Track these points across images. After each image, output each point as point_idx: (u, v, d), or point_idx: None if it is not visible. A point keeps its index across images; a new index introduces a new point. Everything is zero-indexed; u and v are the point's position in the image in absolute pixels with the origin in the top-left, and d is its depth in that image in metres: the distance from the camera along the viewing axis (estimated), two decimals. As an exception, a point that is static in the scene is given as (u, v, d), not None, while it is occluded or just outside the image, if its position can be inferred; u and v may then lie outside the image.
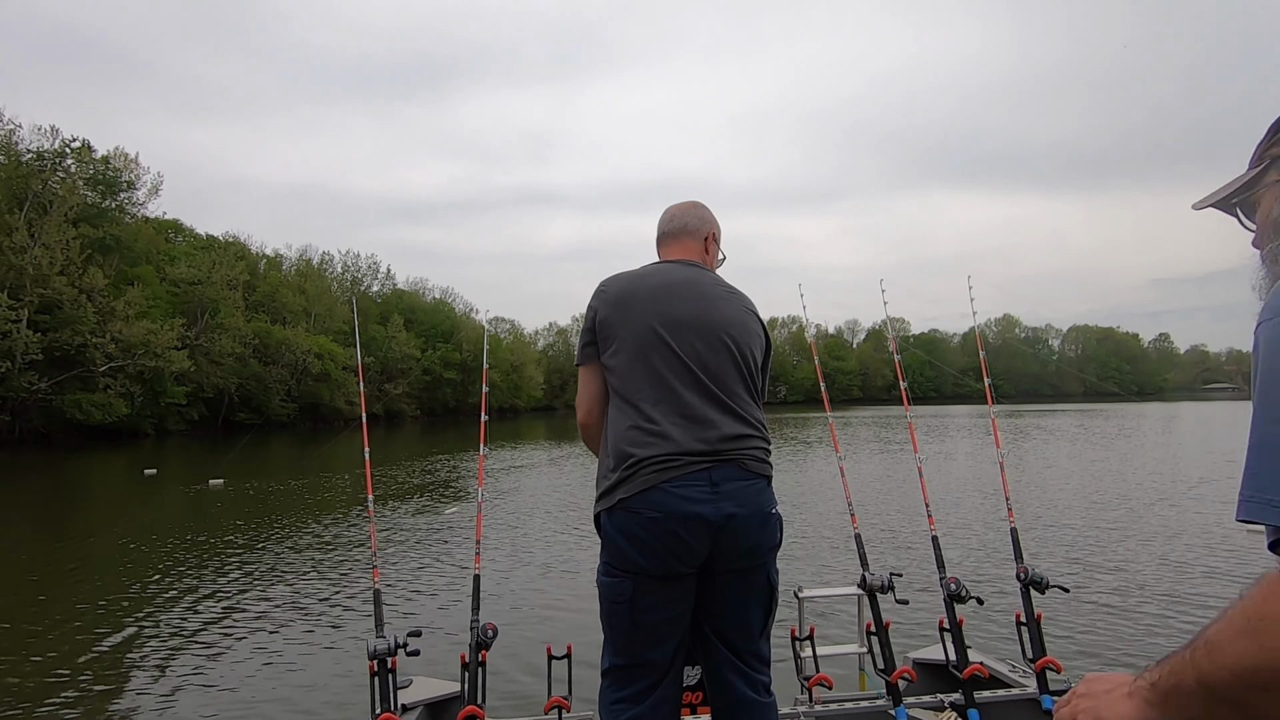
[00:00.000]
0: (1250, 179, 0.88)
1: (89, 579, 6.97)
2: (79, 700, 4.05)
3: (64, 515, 11.74)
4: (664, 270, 1.78)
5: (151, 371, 32.32)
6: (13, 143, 31.16)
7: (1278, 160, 0.86)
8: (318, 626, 5.20)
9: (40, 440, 29.71)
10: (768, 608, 1.71)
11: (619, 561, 1.60)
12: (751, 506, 1.59)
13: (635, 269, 1.82)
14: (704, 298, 1.72)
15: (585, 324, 1.77)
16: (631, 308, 1.69)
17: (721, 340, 1.68)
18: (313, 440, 30.00)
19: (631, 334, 1.67)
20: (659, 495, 1.54)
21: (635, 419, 1.61)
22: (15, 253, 28.50)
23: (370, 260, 61.23)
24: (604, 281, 1.78)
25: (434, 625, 4.97)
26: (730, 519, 1.56)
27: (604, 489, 1.64)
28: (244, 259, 43.26)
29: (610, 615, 1.63)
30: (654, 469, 1.55)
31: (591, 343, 1.73)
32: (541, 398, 70.11)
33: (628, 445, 1.59)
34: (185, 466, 19.86)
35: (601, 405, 1.73)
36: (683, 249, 1.85)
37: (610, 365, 1.69)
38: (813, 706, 2.41)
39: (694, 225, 1.87)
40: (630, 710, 1.61)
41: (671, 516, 1.54)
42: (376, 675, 2.11)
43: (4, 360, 27.35)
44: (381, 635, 2.16)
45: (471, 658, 2.16)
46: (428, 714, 2.53)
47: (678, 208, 1.91)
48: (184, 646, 4.86)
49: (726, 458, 1.59)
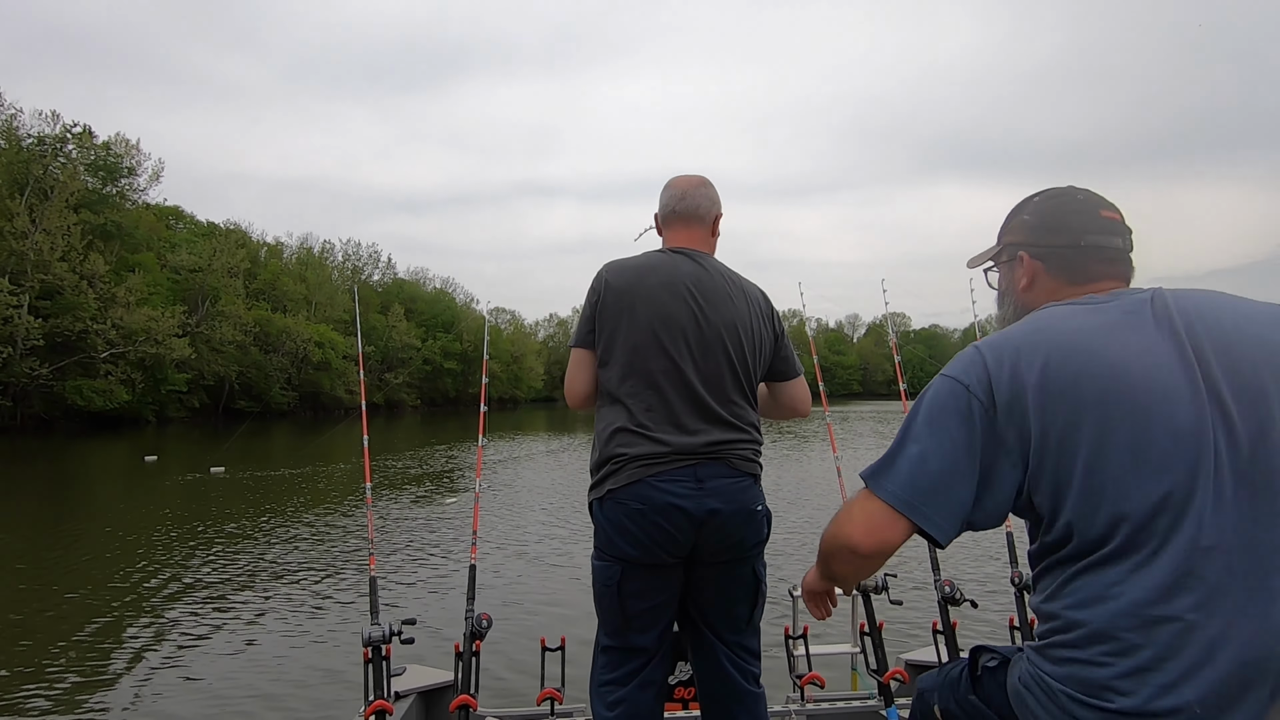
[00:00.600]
0: (992, 254, 1.20)
1: (85, 565, 7.00)
2: (71, 686, 4.07)
3: (65, 501, 11.80)
4: (670, 265, 1.73)
5: (152, 358, 32.36)
6: (14, 128, 31.10)
7: (1009, 246, 1.16)
8: (313, 613, 5.24)
9: (41, 426, 29.79)
10: (754, 601, 1.74)
11: (608, 548, 1.65)
12: (736, 503, 1.63)
13: (640, 258, 1.78)
14: (708, 301, 1.69)
15: (586, 309, 1.76)
16: (634, 307, 1.67)
17: (723, 347, 1.68)
18: (313, 428, 30.06)
19: (630, 336, 1.66)
20: (644, 489, 1.59)
21: (626, 421, 1.64)
22: (16, 238, 28.47)
23: (371, 249, 61.24)
24: (609, 269, 1.75)
25: (429, 614, 5.00)
26: (713, 514, 1.60)
27: (596, 478, 1.68)
28: (245, 247, 43.20)
29: (600, 597, 1.70)
30: (640, 465, 1.60)
31: (591, 331, 1.73)
32: (542, 388, 70.22)
33: (618, 445, 1.63)
34: (186, 454, 19.93)
35: (591, 390, 1.75)
36: (690, 235, 1.80)
37: (605, 361, 1.70)
38: (805, 705, 2.42)
39: (705, 208, 1.82)
40: (617, 691, 1.67)
41: (656, 509, 1.59)
42: (371, 662, 2.13)
43: (5, 346, 27.37)
44: (376, 622, 2.17)
45: (465, 647, 2.18)
46: (421, 702, 2.55)
47: (686, 182, 1.85)
48: (179, 632, 4.89)
49: (713, 456, 1.63)
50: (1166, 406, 0.91)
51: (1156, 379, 0.93)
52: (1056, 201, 1.13)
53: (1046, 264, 1.11)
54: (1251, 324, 0.97)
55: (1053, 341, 0.98)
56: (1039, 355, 0.97)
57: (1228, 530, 0.89)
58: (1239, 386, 0.92)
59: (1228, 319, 0.98)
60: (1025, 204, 1.17)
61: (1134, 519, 0.91)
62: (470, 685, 2.15)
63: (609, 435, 1.65)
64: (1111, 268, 1.09)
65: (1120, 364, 0.94)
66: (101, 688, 4.10)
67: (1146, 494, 0.90)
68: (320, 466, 15.24)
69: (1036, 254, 1.12)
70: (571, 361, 1.77)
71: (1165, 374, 0.93)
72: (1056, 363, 0.95)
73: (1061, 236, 1.10)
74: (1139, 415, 0.92)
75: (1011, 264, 1.16)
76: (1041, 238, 1.12)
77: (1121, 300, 1.02)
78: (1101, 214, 1.10)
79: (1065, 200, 1.12)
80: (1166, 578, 0.89)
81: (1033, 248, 1.12)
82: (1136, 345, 0.96)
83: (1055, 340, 0.98)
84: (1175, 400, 0.91)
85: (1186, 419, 0.91)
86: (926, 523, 0.98)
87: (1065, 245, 1.10)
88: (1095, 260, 1.09)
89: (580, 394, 1.76)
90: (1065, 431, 0.94)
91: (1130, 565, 0.91)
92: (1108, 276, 1.08)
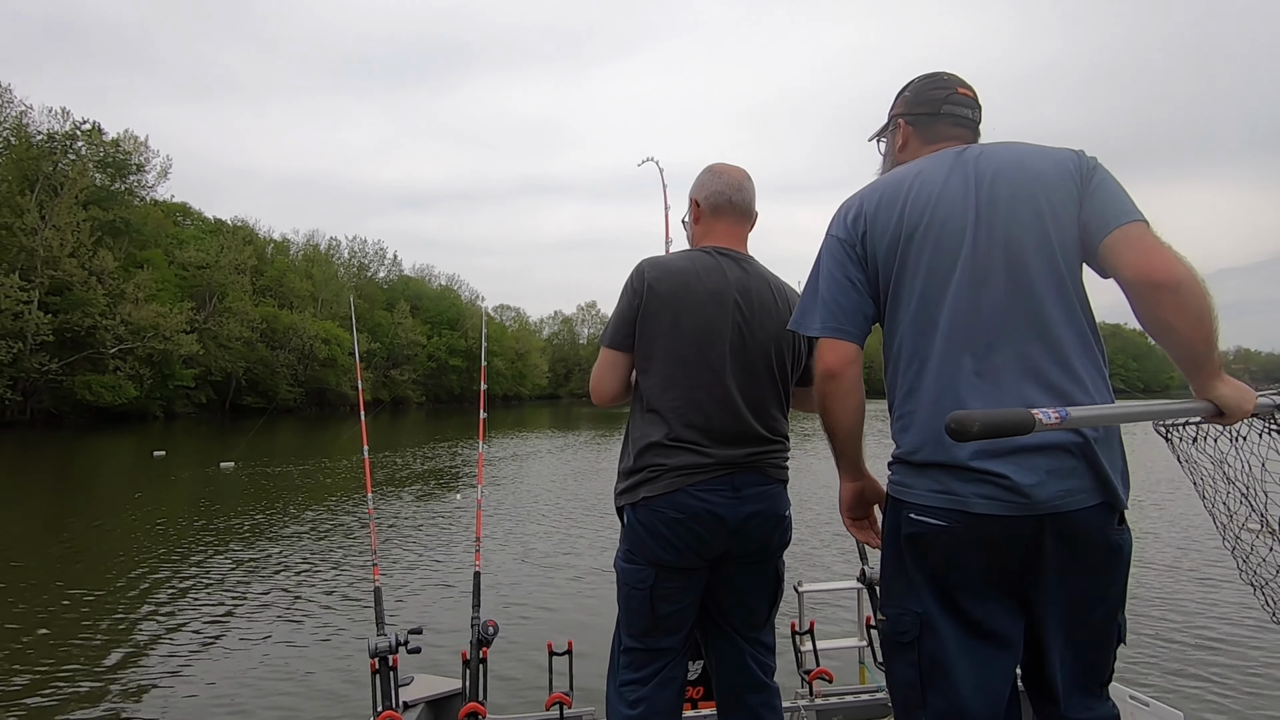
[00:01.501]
0: (882, 129, 1.51)
1: (88, 562, 7.01)
2: (70, 691, 4.04)
3: (74, 495, 11.89)
4: (717, 271, 1.66)
5: (160, 354, 32.58)
6: (24, 125, 31.29)
7: (893, 117, 1.47)
8: (318, 623, 5.19)
9: (51, 421, 30.03)
10: (774, 598, 1.76)
11: (640, 552, 1.64)
12: (769, 509, 1.65)
13: (684, 259, 1.70)
14: (754, 312, 1.65)
15: (625, 309, 1.67)
16: (679, 317, 1.62)
17: (766, 364, 1.66)
18: (318, 424, 30.19)
19: (673, 347, 1.62)
20: (682, 497, 1.59)
21: (664, 435, 1.61)
22: (26, 234, 28.70)
23: (377, 246, 61.48)
24: (651, 270, 1.66)
25: (435, 622, 4.96)
26: (748, 520, 1.62)
27: (627, 484, 1.66)
28: (251, 243, 43.44)
29: (629, 600, 1.68)
30: (679, 475, 1.59)
31: (629, 335, 1.66)
32: (546, 386, 70.30)
33: (655, 456, 1.61)
34: (193, 449, 20.04)
35: (621, 392, 1.72)
36: (737, 233, 1.73)
37: (645, 369, 1.66)
38: (813, 700, 2.42)
39: (751, 203, 1.75)
40: (639, 690, 1.67)
41: (693, 517, 1.59)
42: (378, 673, 2.13)
43: (16, 341, 27.61)
44: (382, 633, 2.17)
45: (473, 654, 2.18)
46: (429, 711, 2.53)
47: (739, 172, 1.76)
48: (182, 640, 4.84)
49: (749, 465, 1.63)
50: (946, 220, 1.26)
51: (944, 198, 1.27)
52: (927, 80, 1.43)
53: (915, 128, 1.42)
54: (1017, 156, 1.28)
55: (883, 185, 1.35)
56: (873, 196, 1.35)
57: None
58: (994, 201, 1.24)
59: (1006, 153, 1.28)
60: (908, 85, 1.46)
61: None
62: (479, 692, 2.14)
63: (646, 446, 1.62)
64: (957, 130, 1.40)
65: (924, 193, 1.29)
66: (103, 689, 4.08)
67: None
68: (325, 462, 15.31)
69: (910, 121, 1.43)
70: (603, 360, 1.72)
71: (953, 194, 1.27)
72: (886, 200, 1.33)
73: (926, 106, 1.41)
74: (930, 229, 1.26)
75: (894, 132, 1.46)
76: (913, 108, 1.43)
77: (941, 151, 1.34)
78: (959, 90, 1.41)
79: (933, 79, 1.43)
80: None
81: (907, 116, 1.43)
82: (936, 175, 1.29)
83: (884, 184, 1.35)
84: (952, 215, 1.26)
85: (958, 226, 1.25)
86: (850, 336, 1.32)
87: (928, 113, 1.40)
88: (947, 125, 1.39)
89: (610, 395, 1.72)
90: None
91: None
92: (954, 139, 1.39)
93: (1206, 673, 3.89)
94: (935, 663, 1.22)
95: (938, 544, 1.21)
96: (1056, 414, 1.04)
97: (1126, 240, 1.18)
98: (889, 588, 1.32)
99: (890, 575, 1.31)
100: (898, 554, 1.28)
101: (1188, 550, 6.84)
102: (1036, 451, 1.16)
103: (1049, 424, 1.03)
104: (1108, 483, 1.19)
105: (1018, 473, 1.15)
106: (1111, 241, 1.19)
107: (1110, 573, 1.23)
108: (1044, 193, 1.23)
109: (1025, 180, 1.24)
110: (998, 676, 1.23)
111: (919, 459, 1.24)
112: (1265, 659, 4.08)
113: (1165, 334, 1.16)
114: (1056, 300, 1.21)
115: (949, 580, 1.22)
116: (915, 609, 1.24)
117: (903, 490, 1.27)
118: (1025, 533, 1.17)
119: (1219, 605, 5.12)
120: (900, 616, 1.26)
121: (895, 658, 1.29)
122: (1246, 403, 1.19)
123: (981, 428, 1.02)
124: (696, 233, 1.77)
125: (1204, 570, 6.10)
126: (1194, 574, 6.07)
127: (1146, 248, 1.16)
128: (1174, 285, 1.12)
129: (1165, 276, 1.13)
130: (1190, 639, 4.44)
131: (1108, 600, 1.24)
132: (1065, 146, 1.29)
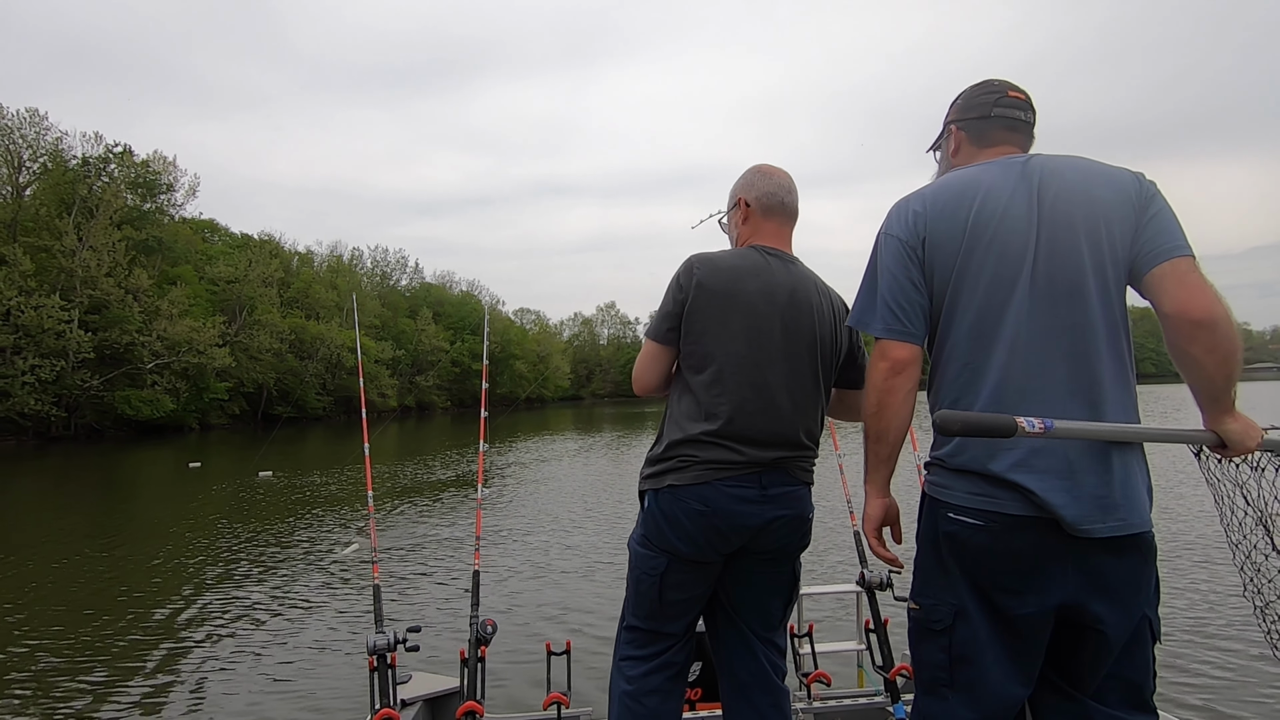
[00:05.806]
0: (937, 139, 1.54)
1: (133, 569, 7.09)
2: (78, 688, 4.13)
3: (115, 508, 12.28)
4: (766, 271, 1.65)
5: (195, 368, 33.45)
6: (60, 150, 32.40)
7: (947, 124, 1.49)
8: (317, 620, 5.18)
9: (92, 435, 31.01)
10: (788, 598, 1.75)
11: (657, 539, 1.64)
12: (794, 510, 1.64)
13: (734, 257, 1.69)
14: (801, 314, 1.64)
15: (671, 303, 1.66)
16: (728, 315, 1.61)
17: (812, 369, 1.66)
18: (347, 432, 30.70)
19: (721, 344, 1.61)
20: (709, 491, 1.58)
21: (702, 431, 1.60)
22: (65, 256, 29.71)
23: (398, 255, 62.32)
24: (700, 266, 1.64)
25: (434, 621, 4.92)
26: (772, 520, 1.61)
27: (655, 470, 1.65)
28: (278, 256, 44.28)
29: (639, 583, 1.69)
30: (709, 468, 1.59)
31: (675, 328, 1.65)
32: (568, 387, 70.54)
33: (689, 448, 1.60)
34: (228, 459, 20.45)
35: (662, 383, 1.73)
36: (783, 234, 1.74)
37: (691, 366, 1.65)
38: (811, 703, 2.39)
39: (797, 205, 1.76)
40: (639, 667, 1.70)
41: (718, 514, 1.58)
42: (376, 670, 2.13)
43: (59, 360, 28.60)
44: (381, 631, 2.17)
45: (471, 653, 2.18)
46: (427, 709, 2.53)
47: (785, 175, 1.77)
48: (186, 638, 4.91)
49: (776, 466, 1.63)
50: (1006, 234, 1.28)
51: (1009, 214, 1.29)
52: (978, 86, 1.46)
53: (968, 133, 1.44)
54: (1082, 178, 1.30)
55: (938, 191, 1.36)
56: (936, 201, 1.35)
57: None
58: (1055, 222, 1.27)
59: (1070, 173, 1.30)
60: (961, 93, 1.48)
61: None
62: (476, 691, 2.14)
63: (682, 438, 1.61)
64: (1012, 135, 1.41)
65: (985, 204, 1.30)
66: (109, 687, 4.13)
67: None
68: (354, 469, 15.57)
69: (962, 126, 1.45)
70: (646, 352, 1.72)
71: (1017, 210, 1.29)
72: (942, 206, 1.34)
73: (977, 110, 1.43)
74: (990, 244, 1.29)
75: (947, 138, 1.49)
76: (964, 113, 1.45)
77: (1003, 160, 1.35)
78: (1009, 94, 1.42)
79: (984, 84, 1.45)
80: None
81: (959, 122, 1.45)
82: (1002, 190, 1.30)
83: (939, 190, 1.36)
84: (1015, 234, 1.28)
85: (1019, 247, 1.28)
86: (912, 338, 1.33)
87: (979, 116, 1.42)
88: (999, 128, 1.40)
89: (651, 385, 1.73)
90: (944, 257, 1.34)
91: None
92: (1006, 143, 1.40)
93: (1205, 678, 3.77)
94: (965, 650, 1.29)
95: (974, 542, 1.27)
96: (1041, 424, 1.09)
97: (1175, 275, 1.22)
98: (925, 579, 1.37)
99: (927, 568, 1.37)
100: (936, 549, 1.34)
101: (1189, 550, 6.64)
102: (1082, 473, 1.21)
103: (1032, 432, 1.09)
104: (1142, 513, 1.26)
105: (1066, 507, 1.20)
106: (1160, 274, 1.23)
107: (1140, 572, 1.27)
108: (1105, 224, 1.26)
109: (1089, 207, 1.27)
110: (1024, 668, 1.28)
111: (956, 464, 1.29)
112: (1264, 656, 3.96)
113: (1192, 368, 1.22)
114: (1105, 326, 1.26)
115: (983, 576, 1.28)
116: (950, 600, 1.31)
117: (941, 490, 1.32)
118: (1058, 539, 1.23)
119: (1221, 615, 4.95)
120: (935, 606, 1.33)
121: (925, 641, 1.35)
122: (1250, 439, 1.25)
123: (963, 426, 1.09)
124: (743, 232, 1.76)
125: (1199, 574, 5.86)
126: (1195, 580, 5.86)
127: (1191, 285, 1.21)
128: (1211, 325, 1.18)
129: (1204, 315, 1.19)
130: (1196, 647, 4.24)
131: (1138, 598, 1.27)
132: (1125, 168, 1.32)
